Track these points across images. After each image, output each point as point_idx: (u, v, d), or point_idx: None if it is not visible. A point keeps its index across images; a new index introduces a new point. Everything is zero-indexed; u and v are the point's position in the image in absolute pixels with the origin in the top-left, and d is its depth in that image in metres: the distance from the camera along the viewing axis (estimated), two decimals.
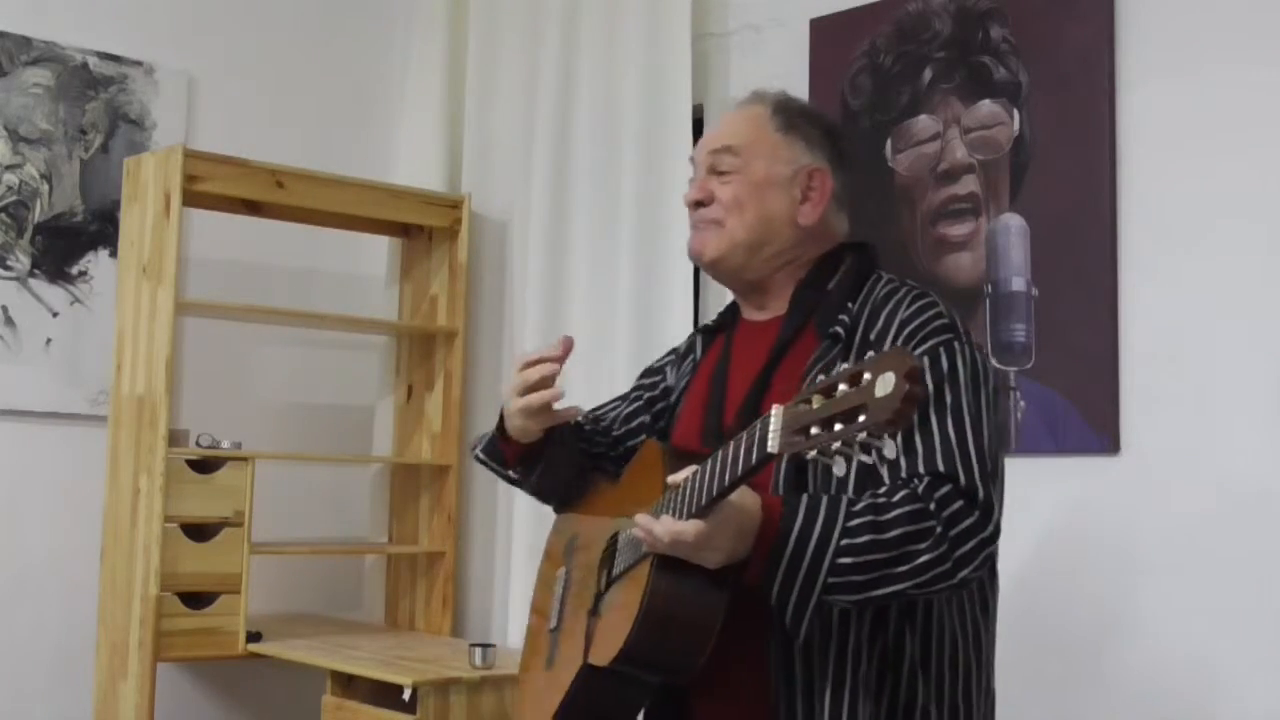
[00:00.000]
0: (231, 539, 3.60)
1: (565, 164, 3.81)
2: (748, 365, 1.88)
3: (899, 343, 1.75)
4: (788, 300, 1.89)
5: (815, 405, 1.39)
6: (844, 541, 1.60)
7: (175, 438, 3.56)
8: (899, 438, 1.53)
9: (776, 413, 1.45)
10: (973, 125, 3.01)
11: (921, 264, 3.05)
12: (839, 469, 1.40)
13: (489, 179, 4.17)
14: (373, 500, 4.30)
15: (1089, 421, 2.76)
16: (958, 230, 3.00)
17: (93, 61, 3.92)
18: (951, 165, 3.03)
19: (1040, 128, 2.90)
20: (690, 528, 1.57)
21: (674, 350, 2.15)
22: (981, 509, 1.66)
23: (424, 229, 4.18)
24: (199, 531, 3.57)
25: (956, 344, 1.76)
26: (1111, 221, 2.77)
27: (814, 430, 1.38)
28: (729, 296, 2.06)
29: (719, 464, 1.56)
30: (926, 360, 1.72)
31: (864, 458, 1.37)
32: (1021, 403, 2.85)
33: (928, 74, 3.10)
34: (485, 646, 3.32)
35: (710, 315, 3.39)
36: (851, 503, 1.65)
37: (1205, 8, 2.69)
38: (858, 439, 1.35)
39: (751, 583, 1.63)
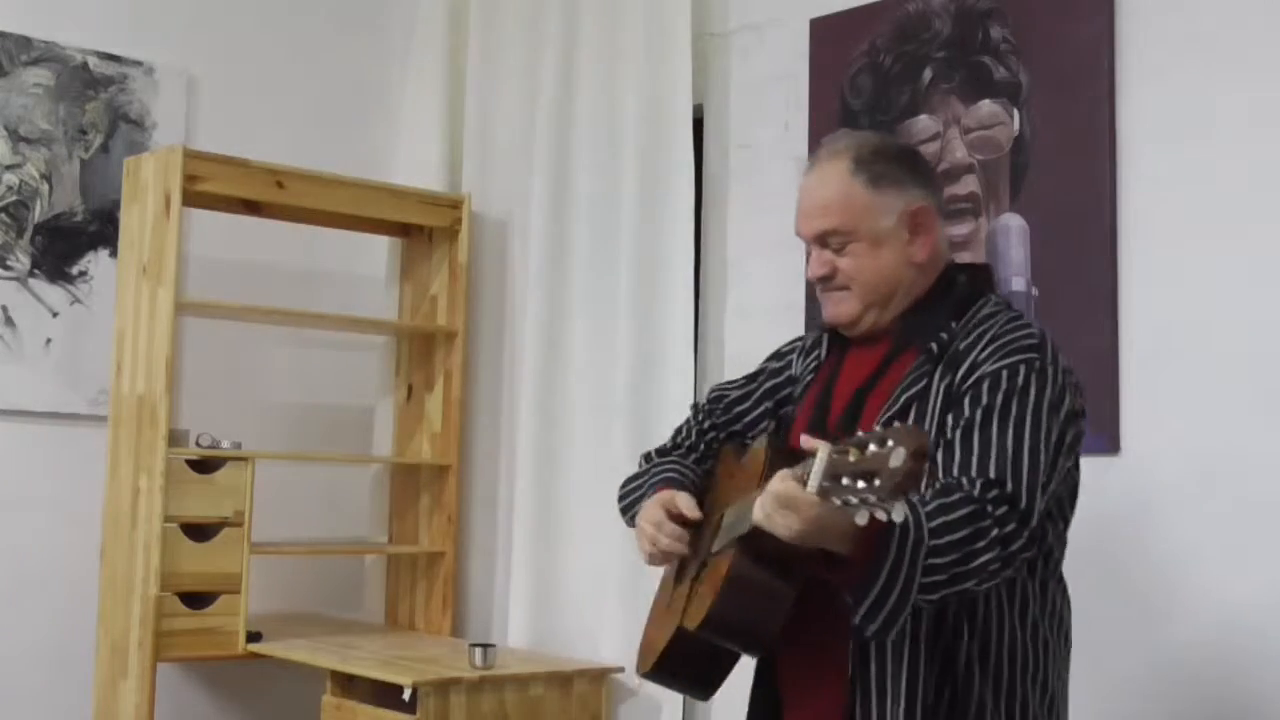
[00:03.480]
0: (231, 539, 3.60)
1: (565, 164, 3.81)
2: (853, 378, 2.00)
3: (984, 355, 1.87)
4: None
5: (851, 457, 1.53)
6: (931, 543, 1.69)
7: (175, 438, 3.56)
8: (959, 433, 1.81)
9: (821, 456, 1.56)
10: (973, 125, 3.01)
11: None
12: (861, 519, 1.52)
13: (489, 179, 4.16)
14: (373, 500, 4.30)
15: (1089, 421, 2.75)
16: (958, 230, 3.00)
17: (93, 61, 3.92)
18: (951, 165, 3.03)
19: (1040, 128, 2.90)
20: (805, 496, 1.60)
21: (801, 338, 2.24)
22: (1020, 517, 1.76)
23: (424, 229, 4.18)
24: (199, 531, 3.57)
25: (1038, 364, 1.86)
26: (1111, 221, 2.77)
27: (844, 480, 1.53)
28: (728, 299, 2.09)
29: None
30: (1005, 373, 1.84)
31: (879, 515, 1.51)
32: None
33: (928, 74, 3.10)
34: (485, 646, 3.32)
35: (710, 316, 3.41)
36: (923, 502, 1.73)
37: (1205, 8, 2.69)
38: (870, 500, 1.50)
39: (843, 582, 1.71)
